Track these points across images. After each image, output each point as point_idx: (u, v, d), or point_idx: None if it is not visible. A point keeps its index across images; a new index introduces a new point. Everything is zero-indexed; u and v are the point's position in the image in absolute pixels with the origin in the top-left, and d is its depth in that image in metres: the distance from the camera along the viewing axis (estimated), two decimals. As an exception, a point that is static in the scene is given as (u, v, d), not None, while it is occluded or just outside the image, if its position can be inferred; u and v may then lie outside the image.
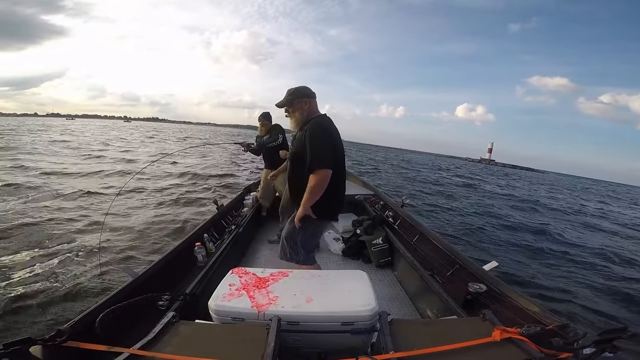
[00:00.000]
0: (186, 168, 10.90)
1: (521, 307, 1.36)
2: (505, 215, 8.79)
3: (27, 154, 11.89)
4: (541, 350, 0.79)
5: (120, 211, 5.40)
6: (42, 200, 5.71)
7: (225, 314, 1.09)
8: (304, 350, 1.10)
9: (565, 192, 25.13)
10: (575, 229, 8.45)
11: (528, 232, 7.00)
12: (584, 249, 6.02)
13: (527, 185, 25.22)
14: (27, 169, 8.70)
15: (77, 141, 19.44)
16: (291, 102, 1.57)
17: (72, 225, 4.54)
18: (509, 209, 10.23)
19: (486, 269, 1.74)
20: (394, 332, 0.95)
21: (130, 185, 6.87)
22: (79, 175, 8.53)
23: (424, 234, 2.45)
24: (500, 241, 5.81)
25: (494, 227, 7.03)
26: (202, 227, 2.44)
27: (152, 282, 1.57)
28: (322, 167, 1.40)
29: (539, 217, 9.65)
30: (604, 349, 0.71)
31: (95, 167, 10.12)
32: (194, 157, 14.62)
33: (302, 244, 1.66)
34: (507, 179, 29.77)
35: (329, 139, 1.47)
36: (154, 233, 4.47)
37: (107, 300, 1.29)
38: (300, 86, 1.60)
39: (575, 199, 19.67)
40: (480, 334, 0.89)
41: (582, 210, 13.42)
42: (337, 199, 1.62)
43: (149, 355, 0.84)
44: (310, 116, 1.57)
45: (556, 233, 7.10)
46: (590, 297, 3.42)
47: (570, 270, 4.32)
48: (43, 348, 0.86)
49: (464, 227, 6.51)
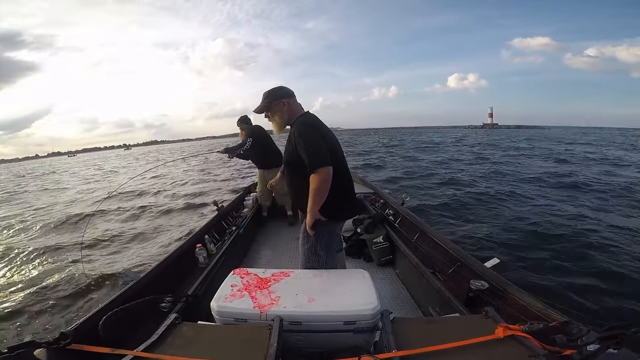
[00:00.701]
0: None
1: (524, 304, 1.36)
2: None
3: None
4: (544, 347, 0.78)
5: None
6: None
7: (228, 314, 1.09)
8: (307, 350, 1.10)
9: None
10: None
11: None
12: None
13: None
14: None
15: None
16: (269, 106, 1.48)
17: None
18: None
19: (488, 265, 1.74)
20: (397, 331, 0.95)
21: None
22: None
23: (425, 232, 2.45)
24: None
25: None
26: (203, 229, 2.45)
27: (154, 284, 1.57)
28: (320, 166, 1.31)
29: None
30: (608, 345, 0.71)
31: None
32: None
33: (325, 250, 1.51)
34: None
35: (319, 135, 1.38)
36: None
37: (109, 303, 1.29)
38: (276, 87, 1.51)
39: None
40: (483, 332, 0.89)
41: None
42: (346, 194, 1.52)
43: (153, 357, 0.84)
44: (292, 117, 1.48)
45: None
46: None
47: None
48: (47, 351, 0.86)
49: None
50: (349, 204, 1.56)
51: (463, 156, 16.13)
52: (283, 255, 2.84)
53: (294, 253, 2.89)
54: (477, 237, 4.54)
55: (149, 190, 9.97)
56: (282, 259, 2.75)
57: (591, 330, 0.76)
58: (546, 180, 8.68)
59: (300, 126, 1.41)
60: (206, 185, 10.45)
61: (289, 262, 2.70)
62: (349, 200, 1.55)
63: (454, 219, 5.42)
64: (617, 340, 0.71)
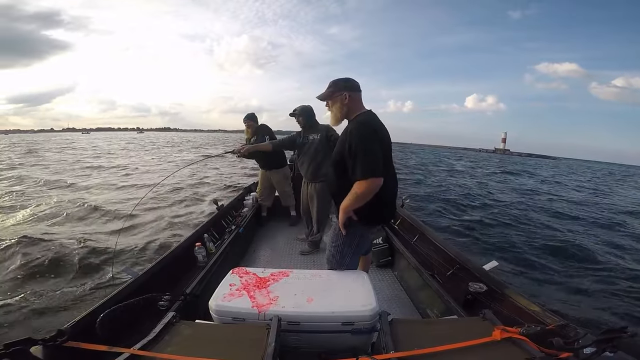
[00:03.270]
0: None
1: (521, 307, 1.37)
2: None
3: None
4: (541, 350, 0.79)
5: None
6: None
7: (226, 314, 1.09)
8: (305, 350, 1.10)
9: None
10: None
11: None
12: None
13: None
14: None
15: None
16: (331, 95, 1.42)
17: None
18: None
19: (486, 268, 1.74)
20: (395, 332, 0.95)
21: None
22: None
23: (424, 233, 2.46)
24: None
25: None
26: (202, 227, 2.45)
27: (152, 282, 1.57)
28: (371, 176, 1.23)
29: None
30: (604, 348, 0.71)
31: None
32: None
33: (353, 252, 1.48)
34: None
35: (378, 142, 1.29)
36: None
37: (107, 301, 1.29)
38: (343, 77, 1.44)
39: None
40: (481, 334, 0.89)
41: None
42: (387, 200, 1.43)
43: (150, 356, 0.84)
44: (351, 112, 1.41)
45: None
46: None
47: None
48: (44, 348, 0.86)
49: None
50: (389, 211, 1.52)
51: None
52: (282, 255, 2.84)
53: (293, 253, 2.89)
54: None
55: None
56: (281, 259, 2.75)
57: (588, 334, 0.76)
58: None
59: (359, 126, 1.33)
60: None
61: (288, 262, 2.70)
62: (387, 206, 1.48)
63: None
64: (613, 344, 0.71)
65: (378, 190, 1.26)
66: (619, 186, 19.46)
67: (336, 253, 1.48)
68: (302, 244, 3.02)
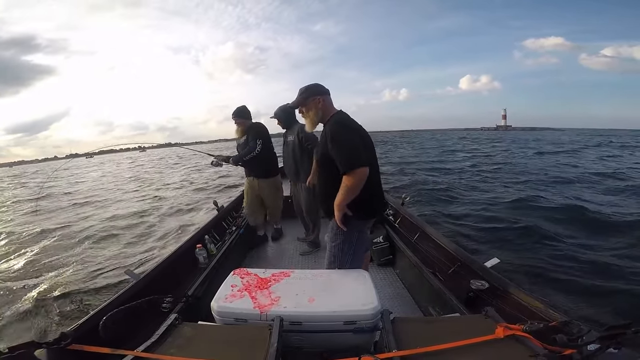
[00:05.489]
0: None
1: (524, 304, 1.36)
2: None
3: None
4: (545, 347, 0.78)
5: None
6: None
7: (228, 315, 1.09)
8: (307, 350, 1.10)
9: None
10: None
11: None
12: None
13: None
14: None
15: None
16: (304, 102, 1.49)
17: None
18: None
19: (488, 265, 1.74)
20: (397, 331, 0.95)
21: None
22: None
23: (425, 232, 2.45)
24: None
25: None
26: (203, 229, 2.45)
27: (154, 284, 1.57)
28: (357, 166, 1.29)
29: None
30: (608, 345, 0.71)
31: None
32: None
33: (354, 249, 1.51)
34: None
35: (356, 134, 1.38)
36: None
37: (110, 303, 1.29)
38: (312, 84, 1.53)
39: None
40: (483, 331, 0.89)
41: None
42: (375, 192, 1.50)
43: (153, 358, 0.84)
44: (326, 114, 1.49)
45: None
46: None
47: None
48: (48, 351, 0.86)
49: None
50: (379, 202, 1.57)
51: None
52: (283, 255, 2.84)
53: (294, 253, 2.89)
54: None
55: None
56: (282, 259, 2.75)
57: (591, 330, 0.76)
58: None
59: (336, 125, 1.41)
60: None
61: (289, 262, 2.70)
62: (378, 199, 1.55)
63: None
64: (617, 340, 0.71)
65: (365, 179, 1.32)
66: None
67: (337, 252, 1.49)
68: (302, 244, 3.02)
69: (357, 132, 1.41)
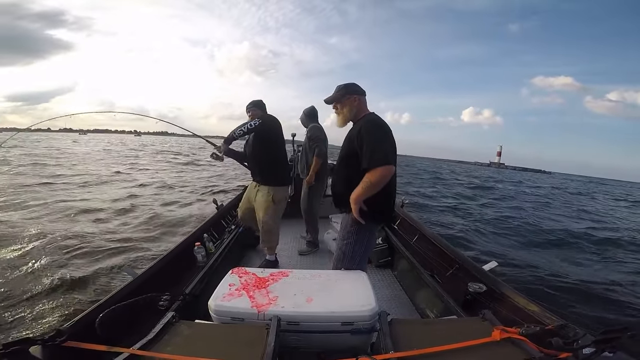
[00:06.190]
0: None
1: (521, 307, 1.37)
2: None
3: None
4: (541, 350, 0.79)
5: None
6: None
7: (225, 314, 1.08)
8: (304, 350, 1.10)
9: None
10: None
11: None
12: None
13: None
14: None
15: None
16: (340, 99, 1.52)
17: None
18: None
19: (486, 269, 1.74)
20: (394, 332, 0.95)
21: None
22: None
23: (424, 234, 2.46)
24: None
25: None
26: (202, 227, 2.44)
27: (152, 282, 1.57)
28: (384, 164, 1.30)
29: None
30: (603, 348, 0.71)
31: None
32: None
33: (364, 249, 1.51)
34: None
35: (387, 135, 1.41)
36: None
37: (107, 300, 1.29)
38: (350, 82, 1.56)
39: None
40: (480, 334, 0.89)
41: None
42: (390, 199, 1.52)
43: (149, 355, 0.84)
44: (359, 114, 1.52)
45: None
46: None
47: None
48: (43, 348, 0.86)
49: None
50: (392, 207, 1.58)
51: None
52: (282, 255, 2.84)
53: (293, 253, 2.89)
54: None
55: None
56: (281, 259, 2.75)
57: (587, 334, 0.76)
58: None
59: (370, 122, 1.44)
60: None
61: (287, 261, 2.70)
62: (390, 206, 1.56)
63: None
64: (612, 344, 0.71)
65: (389, 178, 1.33)
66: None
67: (347, 250, 1.50)
68: (301, 244, 3.03)
69: (389, 134, 1.43)
